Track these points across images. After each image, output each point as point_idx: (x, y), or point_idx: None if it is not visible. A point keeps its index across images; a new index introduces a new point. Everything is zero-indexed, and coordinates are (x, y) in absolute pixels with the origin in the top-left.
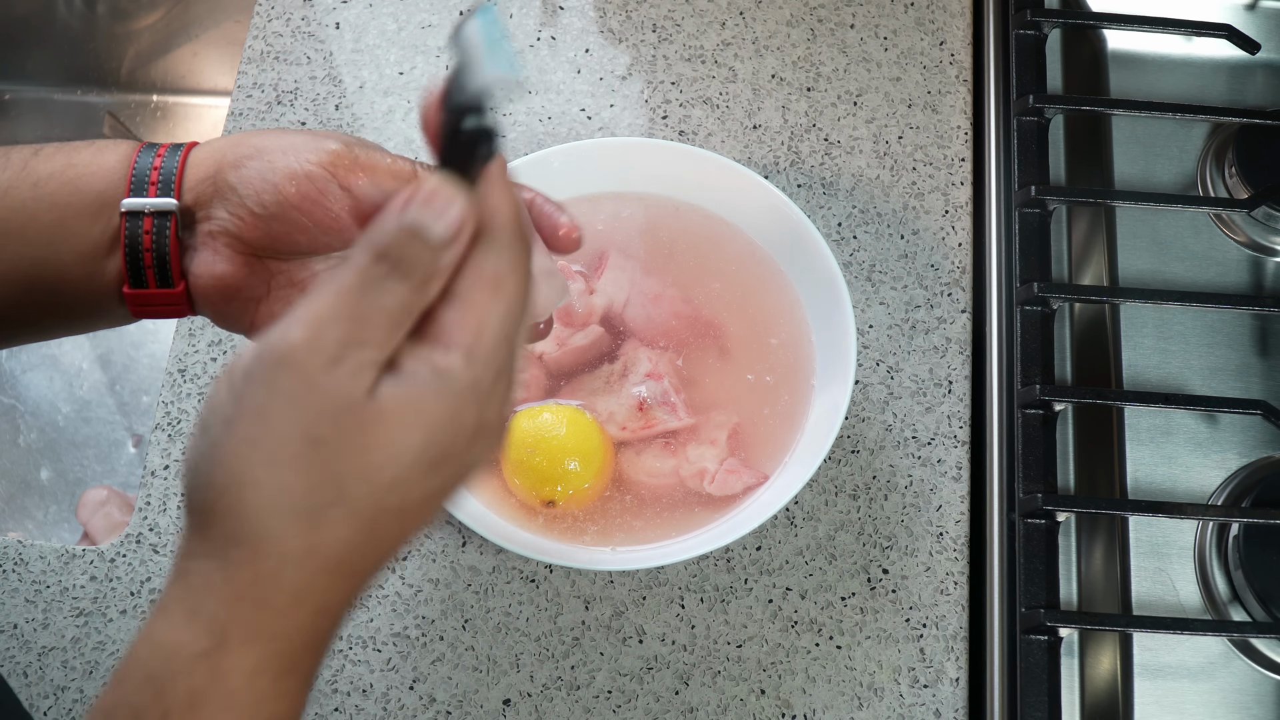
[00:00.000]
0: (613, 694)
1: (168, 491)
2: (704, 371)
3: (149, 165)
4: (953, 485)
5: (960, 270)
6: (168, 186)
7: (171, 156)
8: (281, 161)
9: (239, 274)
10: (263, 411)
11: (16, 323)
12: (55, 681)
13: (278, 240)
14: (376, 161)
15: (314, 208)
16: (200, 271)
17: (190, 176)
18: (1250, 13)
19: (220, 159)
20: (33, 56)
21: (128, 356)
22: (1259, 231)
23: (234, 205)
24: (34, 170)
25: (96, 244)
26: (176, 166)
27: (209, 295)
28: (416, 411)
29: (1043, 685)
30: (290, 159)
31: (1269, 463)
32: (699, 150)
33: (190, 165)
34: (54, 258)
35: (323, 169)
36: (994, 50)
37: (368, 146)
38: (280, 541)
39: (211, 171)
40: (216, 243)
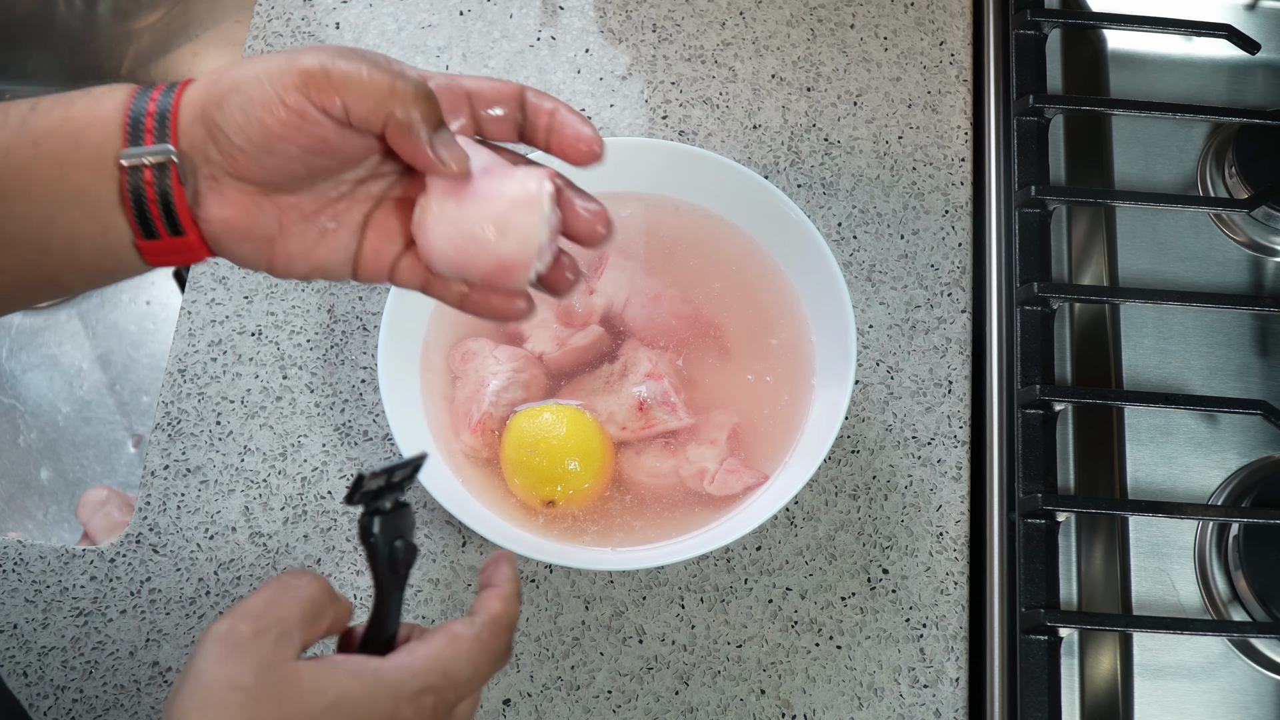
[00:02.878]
0: (613, 694)
1: (168, 491)
2: (704, 372)
3: (143, 111)
4: (953, 485)
5: (960, 270)
6: (163, 132)
7: (165, 98)
8: (258, 92)
9: (248, 214)
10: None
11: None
12: (55, 681)
13: (275, 173)
14: (351, 79)
15: (298, 134)
16: (209, 216)
17: (184, 118)
18: (1250, 13)
19: (205, 98)
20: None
21: (128, 356)
22: (1259, 231)
23: (224, 145)
24: (33, 126)
25: (103, 198)
26: (170, 110)
27: (222, 239)
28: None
29: (1043, 685)
30: (265, 88)
31: (1269, 463)
32: (699, 150)
33: (184, 106)
34: (63, 215)
35: (298, 92)
36: (994, 50)
37: (346, 58)
38: None
39: (198, 113)
40: (220, 185)
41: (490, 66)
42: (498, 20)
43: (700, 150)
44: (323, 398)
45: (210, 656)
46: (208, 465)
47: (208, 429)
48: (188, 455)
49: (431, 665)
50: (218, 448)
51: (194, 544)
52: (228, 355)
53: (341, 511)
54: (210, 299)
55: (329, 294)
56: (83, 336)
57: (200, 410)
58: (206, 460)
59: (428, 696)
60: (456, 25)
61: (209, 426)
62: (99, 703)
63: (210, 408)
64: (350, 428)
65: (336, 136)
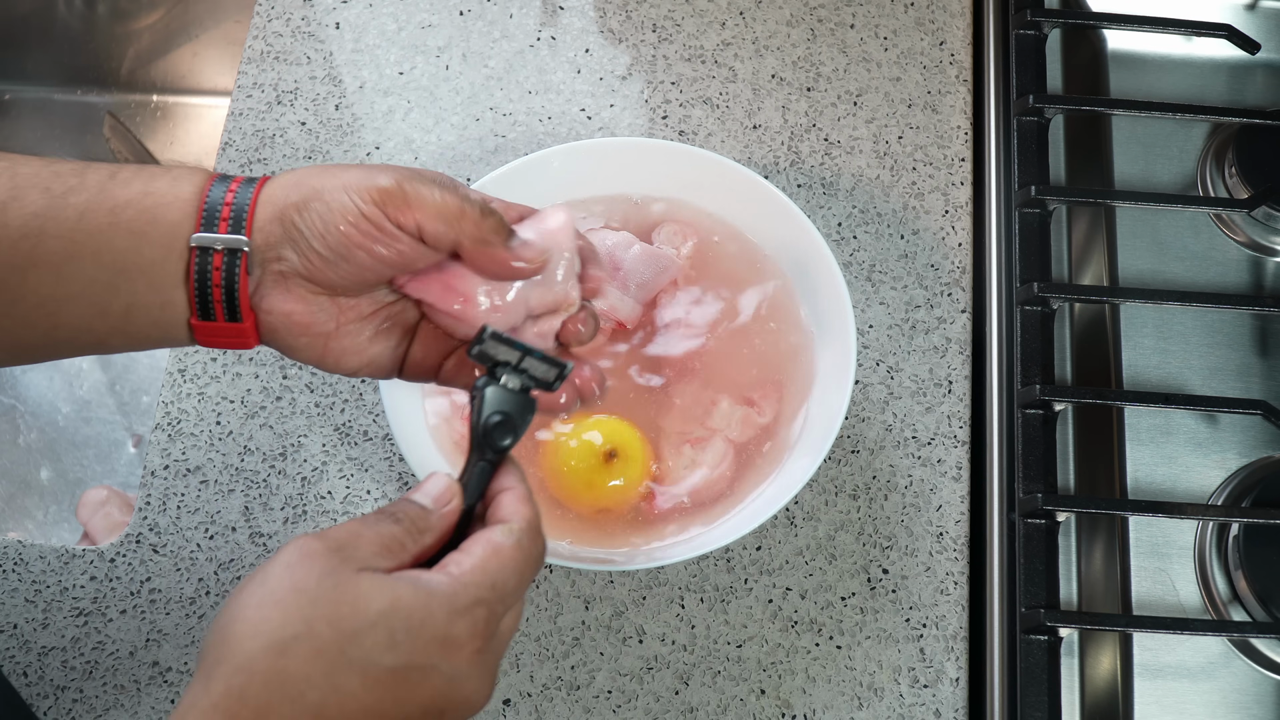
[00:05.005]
0: (613, 694)
1: (168, 491)
2: (703, 371)
3: (220, 200)
4: (953, 485)
5: (960, 270)
6: (239, 223)
7: (244, 192)
8: (337, 202)
9: (310, 311)
10: (268, 572)
11: (86, 343)
12: (55, 681)
13: (346, 278)
14: (425, 200)
15: (374, 244)
16: (271, 309)
17: (259, 216)
18: (1250, 13)
19: (285, 200)
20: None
21: (128, 356)
22: (1259, 231)
23: (303, 248)
24: (111, 195)
25: (170, 274)
26: (248, 204)
27: (279, 331)
28: (387, 589)
29: (1043, 685)
30: (345, 199)
31: (1269, 463)
32: (699, 150)
33: (262, 203)
34: (127, 284)
35: (376, 208)
36: (994, 50)
37: (419, 180)
38: (251, 660)
39: (278, 213)
40: (288, 282)
41: (490, 66)
42: (498, 20)
43: (700, 150)
44: (323, 398)
45: (281, 562)
46: (208, 465)
47: (208, 429)
48: (188, 455)
49: (480, 578)
50: (218, 448)
51: (194, 544)
52: (228, 355)
53: (341, 511)
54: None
55: None
56: None
57: (200, 410)
58: (206, 460)
59: (479, 609)
60: (456, 25)
61: (209, 426)
62: (99, 703)
63: (210, 408)
64: (350, 428)
65: (410, 250)
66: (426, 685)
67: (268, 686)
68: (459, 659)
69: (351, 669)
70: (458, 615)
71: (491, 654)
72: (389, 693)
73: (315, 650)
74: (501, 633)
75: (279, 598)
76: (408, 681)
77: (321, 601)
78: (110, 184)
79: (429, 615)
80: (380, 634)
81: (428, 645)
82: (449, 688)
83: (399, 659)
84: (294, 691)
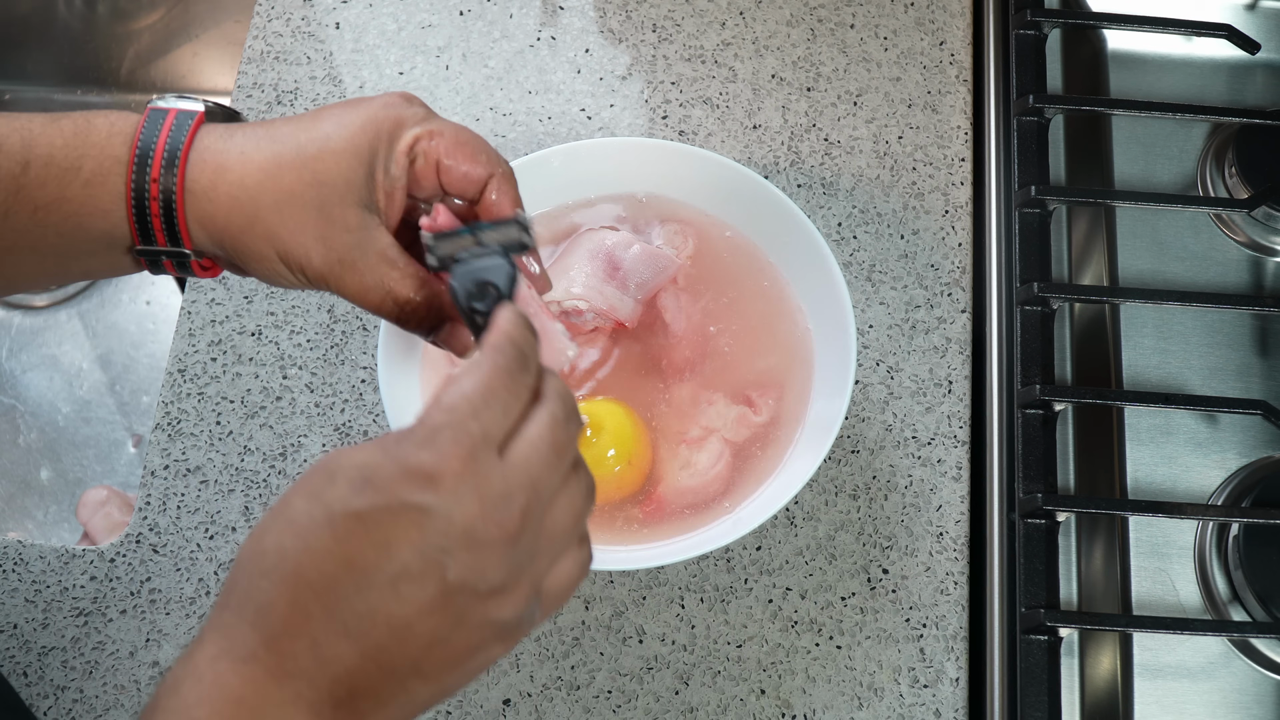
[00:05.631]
0: (613, 694)
1: (168, 491)
2: (703, 371)
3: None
4: (953, 485)
5: (960, 270)
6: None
7: (168, 221)
8: (271, 270)
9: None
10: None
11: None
12: (55, 681)
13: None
14: (349, 297)
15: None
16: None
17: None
18: (1250, 13)
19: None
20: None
21: (128, 356)
22: (1259, 231)
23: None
24: (30, 196)
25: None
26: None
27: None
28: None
29: (1043, 685)
30: (283, 272)
31: (1269, 463)
32: (699, 150)
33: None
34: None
35: (310, 284)
36: (994, 50)
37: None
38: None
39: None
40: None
41: (490, 66)
42: (498, 20)
43: (700, 150)
44: (323, 398)
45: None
46: (208, 465)
47: (208, 429)
48: (188, 455)
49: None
50: (218, 448)
51: (194, 544)
52: (228, 355)
53: None
54: (210, 299)
55: (329, 294)
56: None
57: (200, 410)
58: (206, 460)
59: (443, 434)
60: (456, 25)
61: (209, 426)
62: (99, 703)
63: (210, 408)
64: (350, 428)
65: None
66: (403, 521)
67: (242, 568)
68: (439, 489)
69: (320, 525)
70: (419, 446)
71: (496, 479)
72: (363, 537)
73: (287, 520)
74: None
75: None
76: (379, 523)
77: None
78: (24, 180)
79: (388, 453)
80: (342, 482)
81: (390, 481)
82: (432, 519)
83: (365, 501)
84: (267, 564)
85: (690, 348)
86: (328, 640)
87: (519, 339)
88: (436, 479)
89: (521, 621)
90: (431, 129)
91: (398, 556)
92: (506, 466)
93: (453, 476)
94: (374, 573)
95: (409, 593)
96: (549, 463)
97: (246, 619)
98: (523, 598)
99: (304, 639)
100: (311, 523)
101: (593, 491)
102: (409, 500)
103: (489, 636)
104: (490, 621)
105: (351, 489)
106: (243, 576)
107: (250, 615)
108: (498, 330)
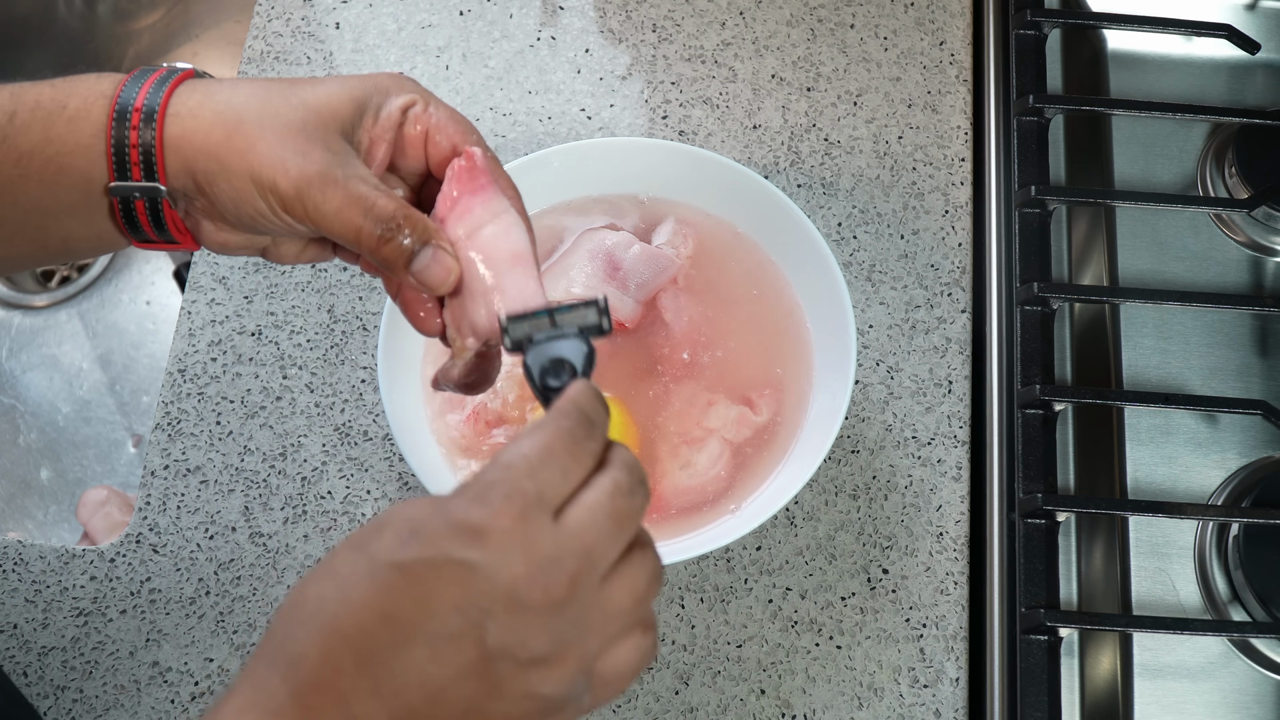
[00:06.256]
0: None
1: (168, 491)
2: (703, 371)
3: (125, 142)
4: (953, 485)
5: (960, 270)
6: (150, 169)
7: (146, 130)
8: (245, 193)
9: (241, 240)
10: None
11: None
12: (55, 681)
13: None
14: (324, 217)
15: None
16: (206, 237)
17: (171, 163)
18: (1250, 13)
19: (193, 162)
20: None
21: (128, 356)
22: (1259, 231)
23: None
24: (14, 144)
25: (95, 211)
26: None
27: (215, 249)
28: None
29: (1043, 685)
30: (252, 195)
31: (1269, 463)
32: (699, 150)
33: (169, 150)
34: (55, 223)
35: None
36: (994, 50)
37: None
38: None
39: (186, 168)
40: (214, 220)
41: (490, 66)
42: (498, 20)
43: (700, 150)
44: (323, 398)
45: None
46: (208, 465)
47: (208, 429)
48: (188, 455)
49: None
50: (218, 448)
51: (194, 544)
52: (228, 355)
53: (341, 511)
54: (210, 299)
55: (329, 294)
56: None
57: (200, 410)
58: (206, 460)
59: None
60: (456, 25)
61: (209, 426)
62: (99, 703)
63: (210, 408)
64: (350, 428)
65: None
66: (445, 577)
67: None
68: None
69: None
70: (471, 502)
71: (548, 542)
72: (403, 591)
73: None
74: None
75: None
76: (421, 577)
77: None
78: (10, 129)
79: (438, 508)
80: (389, 534)
81: (437, 535)
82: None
83: (409, 554)
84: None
85: (690, 348)
86: (357, 698)
87: (587, 406)
88: (484, 535)
89: (567, 702)
90: (429, 102)
91: (437, 613)
92: (560, 531)
93: (501, 534)
94: (411, 628)
95: (446, 653)
96: (606, 531)
97: (278, 671)
98: (568, 673)
99: (332, 694)
100: (353, 572)
101: (659, 575)
102: (453, 555)
103: (530, 712)
104: (530, 694)
105: (398, 541)
106: (281, 625)
107: (282, 667)
108: (566, 397)
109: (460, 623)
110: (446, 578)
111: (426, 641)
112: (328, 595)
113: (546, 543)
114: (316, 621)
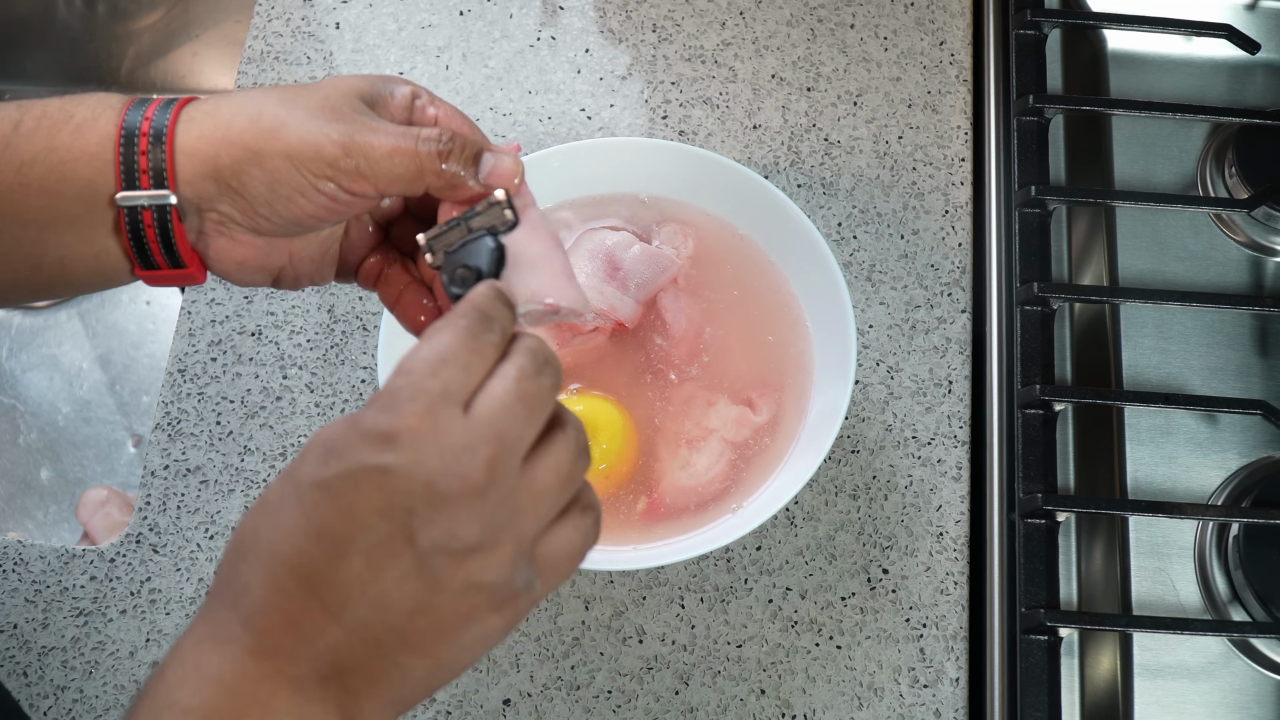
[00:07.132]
0: (613, 694)
1: (168, 491)
2: (702, 371)
3: (135, 153)
4: (953, 485)
5: (960, 270)
6: (160, 178)
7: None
8: (286, 175)
9: (263, 254)
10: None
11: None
12: (55, 681)
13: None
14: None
15: (332, 213)
16: (219, 256)
17: (185, 169)
18: (1250, 13)
19: (217, 160)
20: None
21: (128, 356)
22: (1259, 231)
23: (246, 208)
24: (17, 151)
25: (98, 227)
26: (165, 159)
27: (229, 272)
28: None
29: (1043, 685)
30: (294, 174)
31: (1269, 463)
32: (699, 150)
33: (181, 155)
34: (55, 238)
35: (331, 183)
36: (994, 50)
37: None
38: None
39: (209, 171)
40: (231, 231)
41: (490, 66)
42: (498, 20)
43: (700, 150)
44: (323, 398)
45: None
46: (208, 465)
47: (208, 429)
48: (188, 455)
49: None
50: (218, 448)
51: (194, 544)
52: (228, 355)
53: None
54: (210, 299)
55: (329, 294)
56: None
57: (200, 410)
58: (206, 460)
59: (402, 394)
60: (456, 25)
61: (209, 426)
62: (99, 703)
63: (210, 408)
64: None
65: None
66: (364, 485)
67: (227, 556)
68: (398, 447)
69: (290, 501)
70: (378, 410)
71: (458, 432)
72: (328, 507)
73: (263, 502)
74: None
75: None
76: (342, 490)
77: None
78: (14, 138)
79: (351, 423)
80: (310, 456)
81: (351, 447)
82: (393, 479)
83: (329, 471)
84: (244, 547)
85: (690, 348)
86: (305, 615)
87: (482, 304)
88: (394, 438)
89: (516, 589)
90: (433, 96)
91: (363, 522)
92: (469, 420)
93: (410, 433)
94: (343, 541)
95: (380, 559)
96: (517, 414)
97: (227, 603)
98: (506, 558)
99: (281, 616)
100: (282, 499)
101: (585, 451)
102: (368, 463)
103: (479, 604)
104: (474, 584)
105: (318, 461)
106: (226, 563)
107: (230, 599)
108: (464, 300)
109: (387, 527)
110: (365, 485)
111: (359, 551)
112: (262, 525)
113: (457, 433)
114: (256, 552)
